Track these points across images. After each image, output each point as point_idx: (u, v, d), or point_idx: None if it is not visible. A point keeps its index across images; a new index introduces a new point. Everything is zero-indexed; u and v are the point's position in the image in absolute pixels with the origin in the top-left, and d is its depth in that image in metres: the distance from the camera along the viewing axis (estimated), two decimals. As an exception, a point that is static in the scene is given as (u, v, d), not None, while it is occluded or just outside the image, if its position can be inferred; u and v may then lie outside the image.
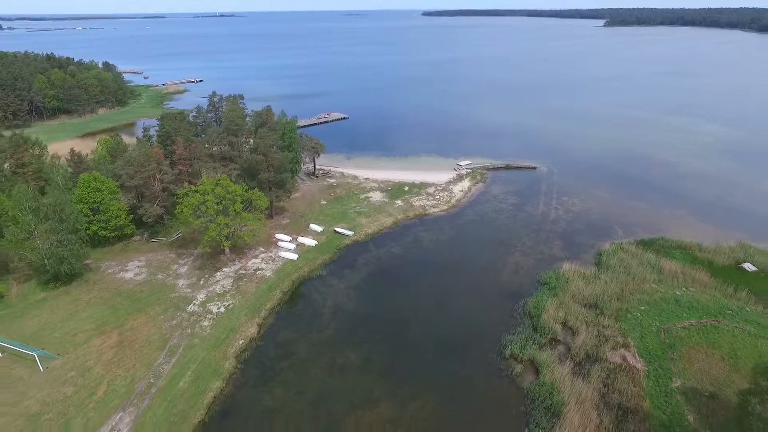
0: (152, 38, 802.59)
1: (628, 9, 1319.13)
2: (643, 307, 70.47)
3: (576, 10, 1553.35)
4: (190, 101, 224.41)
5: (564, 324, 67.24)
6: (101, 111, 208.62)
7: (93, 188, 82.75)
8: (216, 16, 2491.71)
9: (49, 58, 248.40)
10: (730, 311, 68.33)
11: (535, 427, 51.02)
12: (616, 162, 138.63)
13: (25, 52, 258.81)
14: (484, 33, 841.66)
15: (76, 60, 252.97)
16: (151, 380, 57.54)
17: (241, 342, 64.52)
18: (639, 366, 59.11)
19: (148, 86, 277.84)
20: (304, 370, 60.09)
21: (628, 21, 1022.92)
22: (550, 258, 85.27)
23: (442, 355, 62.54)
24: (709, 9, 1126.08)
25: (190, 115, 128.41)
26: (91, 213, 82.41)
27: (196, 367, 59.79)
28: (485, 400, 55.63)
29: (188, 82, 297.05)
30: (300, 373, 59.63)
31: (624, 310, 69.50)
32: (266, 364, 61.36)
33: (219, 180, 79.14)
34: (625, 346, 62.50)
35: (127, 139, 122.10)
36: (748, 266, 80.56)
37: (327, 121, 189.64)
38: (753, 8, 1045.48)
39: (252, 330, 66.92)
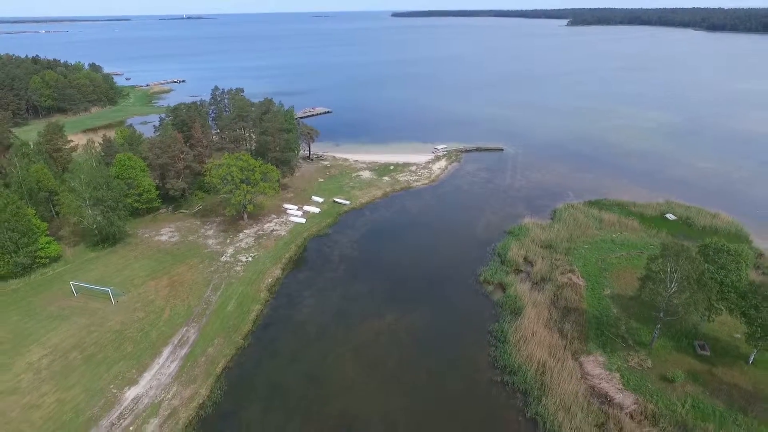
0: (124, 41, 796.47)
1: (590, 9, 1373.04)
2: (586, 246, 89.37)
3: (540, 11, 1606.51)
4: (178, 99, 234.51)
5: (525, 258, 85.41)
6: (94, 109, 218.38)
7: (128, 166, 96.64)
8: (183, 18, 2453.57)
9: (35, 60, 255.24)
10: (652, 245, 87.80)
11: (503, 321, 68.69)
12: (572, 144, 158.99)
13: (5, 54, 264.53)
14: (454, 33, 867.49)
15: (62, 62, 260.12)
16: (204, 306, 72.81)
17: (269, 280, 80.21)
18: (580, 283, 77.56)
19: (133, 86, 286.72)
20: (323, 297, 76.30)
21: (590, 20, 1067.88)
22: (515, 215, 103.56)
23: (430, 284, 79.68)
24: (665, 9, 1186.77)
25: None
26: (126, 187, 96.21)
27: (238, 297, 75.27)
28: (466, 309, 73.01)
29: (172, 82, 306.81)
30: (320, 299, 75.80)
31: (572, 248, 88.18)
32: (292, 294, 77.32)
33: (239, 155, 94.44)
34: (572, 271, 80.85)
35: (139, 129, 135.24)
36: (670, 216, 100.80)
37: (312, 115, 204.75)
38: (704, 8, 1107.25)
39: (277, 272, 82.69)
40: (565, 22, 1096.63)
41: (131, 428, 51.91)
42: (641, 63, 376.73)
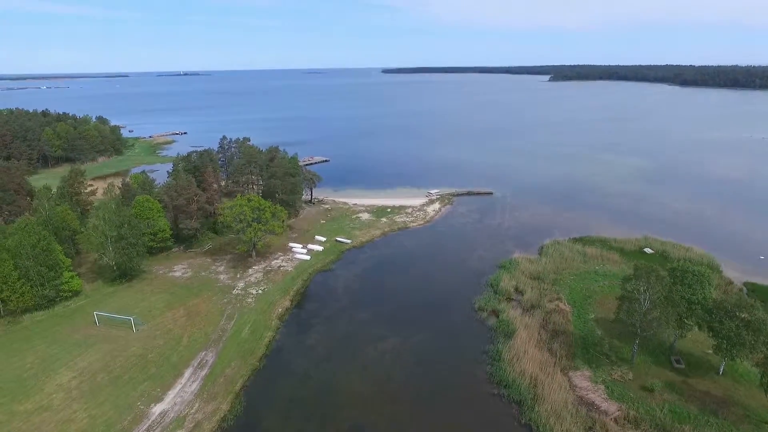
0: (125, 96, 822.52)
1: (570, 66, 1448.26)
2: (572, 277, 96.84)
3: (523, 67, 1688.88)
4: (181, 149, 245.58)
5: (516, 288, 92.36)
6: (101, 159, 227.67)
7: (146, 207, 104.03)
8: (180, 75, 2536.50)
9: (44, 114, 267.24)
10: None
11: (497, 342, 74.79)
12: (557, 187, 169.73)
13: (16, 108, 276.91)
14: (442, 88, 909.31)
15: (70, 115, 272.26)
16: (220, 333, 78.22)
17: (279, 310, 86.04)
18: (567, 309, 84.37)
19: (137, 138, 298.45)
20: (330, 324, 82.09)
21: (570, 76, 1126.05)
22: (505, 251, 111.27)
23: (429, 311, 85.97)
24: (640, 66, 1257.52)
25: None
26: (145, 226, 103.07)
27: (251, 325, 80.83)
28: (463, 332, 79.09)
29: (173, 134, 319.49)
30: (327, 326, 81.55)
31: (558, 279, 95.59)
32: (302, 322, 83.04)
33: (250, 197, 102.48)
34: (559, 299, 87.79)
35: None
36: (647, 250, 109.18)
37: (311, 163, 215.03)
38: (676, 65, 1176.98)
39: (286, 303, 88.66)
40: (547, 78, 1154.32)
41: (160, 438, 56.44)
42: (619, 114, 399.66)
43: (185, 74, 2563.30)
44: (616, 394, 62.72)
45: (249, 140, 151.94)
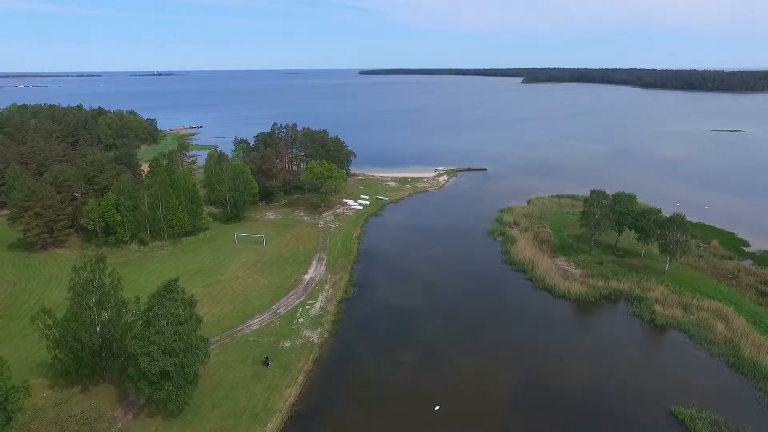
0: (116, 94, 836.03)
1: (541, 68, 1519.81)
2: (551, 215, 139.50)
3: (497, 69, 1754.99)
4: (206, 139, 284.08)
5: (514, 222, 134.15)
6: (143, 146, 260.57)
7: (241, 170, 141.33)
8: (154, 74, 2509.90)
9: (79, 108, 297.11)
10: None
11: (506, 245, 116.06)
12: (536, 165, 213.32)
13: (47, 103, 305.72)
14: (422, 88, 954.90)
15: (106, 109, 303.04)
16: (323, 245, 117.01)
17: (356, 234, 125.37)
18: (549, 231, 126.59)
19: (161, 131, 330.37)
20: (393, 240, 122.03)
21: (542, 78, 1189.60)
22: (502, 203, 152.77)
23: (456, 234, 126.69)
24: (606, 69, 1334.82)
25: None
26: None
27: (341, 240, 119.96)
28: (482, 243, 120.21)
29: (190, 127, 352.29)
30: (392, 241, 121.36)
31: (542, 216, 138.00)
32: (373, 239, 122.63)
33: (322, 162, 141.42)
34: (543, 226, 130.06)
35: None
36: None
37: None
38: (639, 68, 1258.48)
39: (358, 231, 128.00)
40: (520, 80, 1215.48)
41: (316, 286, 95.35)
42: (585, 111, 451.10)
43: (159, 74, 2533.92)
44: (581, 266, 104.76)
45: (296, 125, 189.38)
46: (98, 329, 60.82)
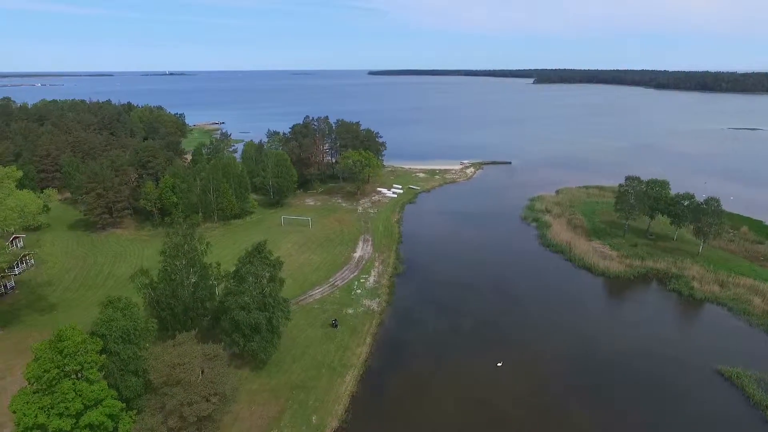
0: (134, 93, 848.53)
1: (553, 69, 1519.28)
2: (581, 204, 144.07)
3: (507, 70, 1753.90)
4: (231, 134, 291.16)
5: (545, 209, 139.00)
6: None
7: (282, 159, 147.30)
8: (165, 74, 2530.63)
9: (109, 103, 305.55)
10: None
11: (541, 230, 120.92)
12: (559, 160, 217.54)
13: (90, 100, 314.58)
14: (434, 89, 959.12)
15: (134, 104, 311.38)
16: (365, 228, 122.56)
17: (394, 219, 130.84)
18: (581, 217, 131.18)
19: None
20: (431, 225, 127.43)
21: (553, 79, 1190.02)
22: (530, 192, 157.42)
23: (490, 220, 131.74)
24: (618, 70, 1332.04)
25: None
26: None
27: (382, 224, 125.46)
28: (516, 228, 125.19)
29: (214, 123, 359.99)
30: (430, 226, 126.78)
31: (572, 204, 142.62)
32: (413, 224, 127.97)
33: (359, 151, 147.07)
34: (575, 213, 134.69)
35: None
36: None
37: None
38: (651, 70, 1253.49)
39: (396, 216, 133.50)
40: (531, 80, 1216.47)
41: (367, 263, 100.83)
42: (603, 111, 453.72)
43: (170, 74, 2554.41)
44: (616, 248, 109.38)
45: (327, 117, 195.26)
46: (191, 288, 66.71)
